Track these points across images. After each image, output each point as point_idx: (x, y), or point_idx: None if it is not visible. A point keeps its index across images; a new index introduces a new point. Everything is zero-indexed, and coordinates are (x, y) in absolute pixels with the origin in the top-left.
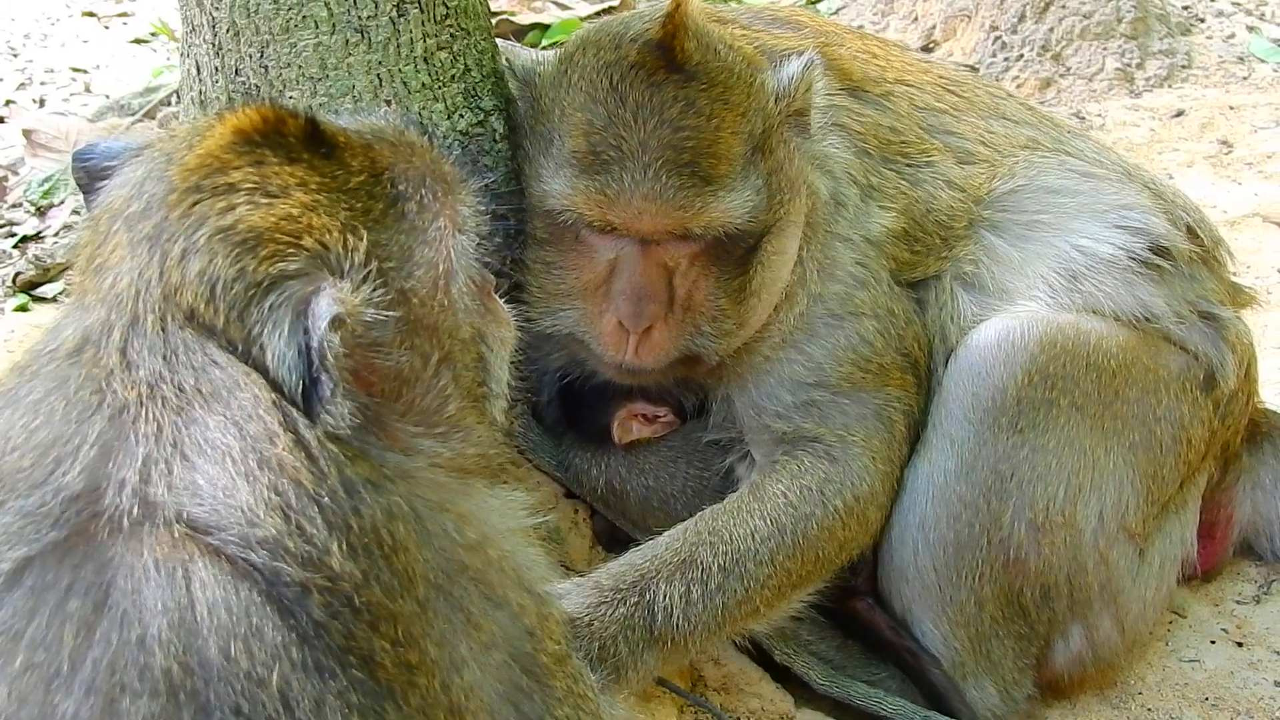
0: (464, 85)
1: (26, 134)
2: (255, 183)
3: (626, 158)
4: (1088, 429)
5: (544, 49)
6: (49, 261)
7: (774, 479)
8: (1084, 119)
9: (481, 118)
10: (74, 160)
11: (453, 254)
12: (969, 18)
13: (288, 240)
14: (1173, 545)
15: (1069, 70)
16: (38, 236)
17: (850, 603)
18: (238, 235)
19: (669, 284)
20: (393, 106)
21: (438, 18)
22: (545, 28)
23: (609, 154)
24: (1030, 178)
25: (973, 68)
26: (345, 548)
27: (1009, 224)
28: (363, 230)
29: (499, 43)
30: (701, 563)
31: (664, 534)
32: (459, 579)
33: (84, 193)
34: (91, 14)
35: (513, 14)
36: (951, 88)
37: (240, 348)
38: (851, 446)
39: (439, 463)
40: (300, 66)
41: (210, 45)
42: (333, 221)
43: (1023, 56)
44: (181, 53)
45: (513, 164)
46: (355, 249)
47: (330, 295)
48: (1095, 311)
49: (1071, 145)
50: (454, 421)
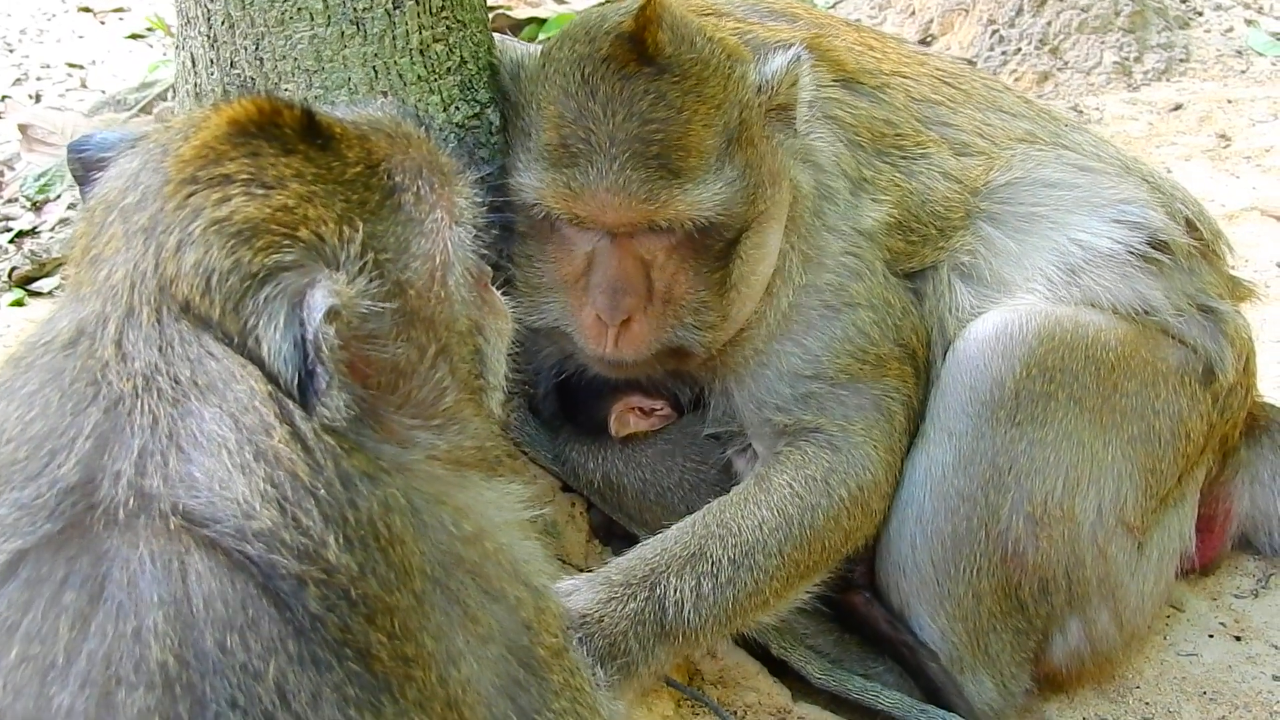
0: (460, 78)
1: (22, 129)
2: (251, 174)
3: (595, 151)
4: (1086, 422)
5: (538, 43)
6: (45, 256)
7: (778, 470)
8: (1082, 113)
9: (478, 110)
10: (69, 152)
11: (449, 245)
12: (966, 11)
13: (283, 232)
14: (1171, 539)
15: (1067, 64)
16: (33, 232)
17: (848, 596)
18: (233, 227)
19: (646, 277)
20: (389, 98)
21: (433, 10)
22: (542, 22)
23: (578, 147)
24: (1027, 170)
25: (970, 61)
26: (341, 540)
27: (1007, 216)
28: (359, 221)
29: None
30: (711, 556)
31: (672, 528)
32: (456, 572)
33: (79, 184)
34: (87, 9)
35: (509, 8)
36: (948, 80)
37: (236, 340)
38: (854, 436)
39: (436, 455)
40: (296, 59)
41: (205, 38)
42: (328, 213)
43: (1020, 50)
44: (176, 45)
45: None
46: (351, 240)
47: (325, 287)
48: (1094, 305)
49: (1069, 139)
50: (451, 414)
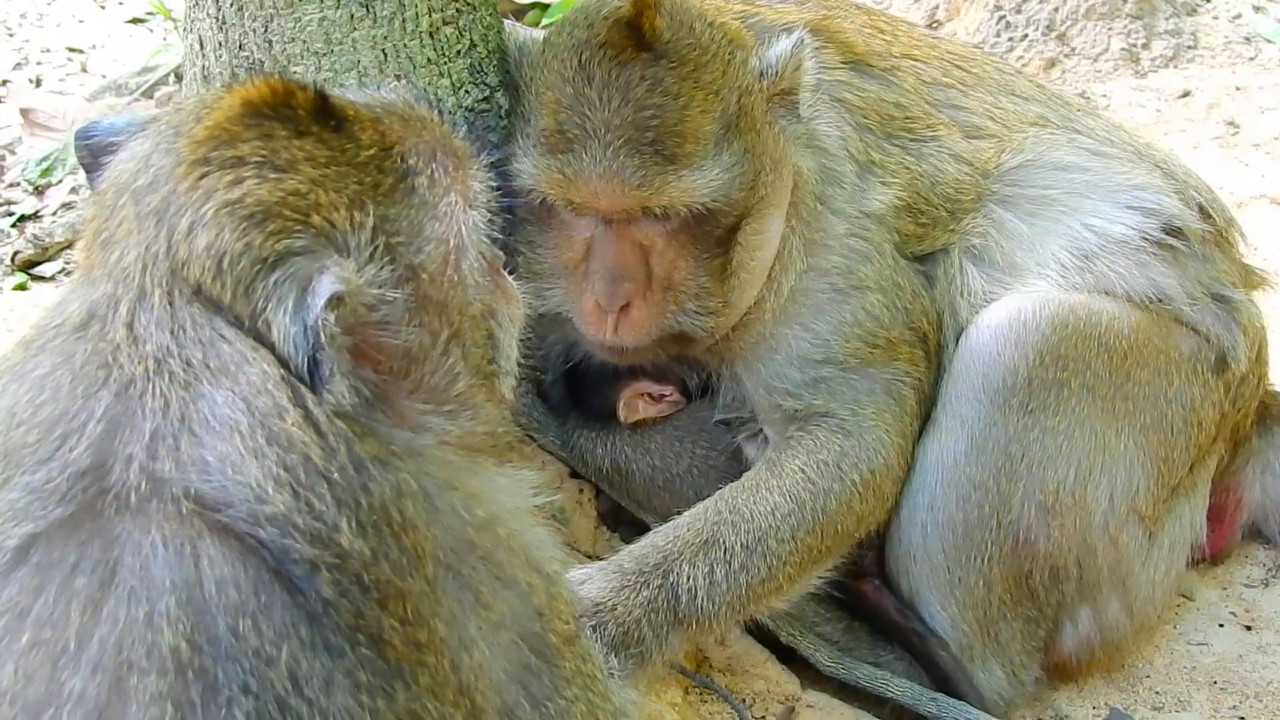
0: (470, 61)
1: (24, 113)
2: (263, 156)
3: (589, 137)
4: (1099, 410)
5: (543, 28)
6: (47, 240)
7: (790, 455)
8: (1089, 99)
9: (487, 93)
10: (76, 138)
11: (463, 229)
12: None
13: (295, 216)
14: (1182, 528)
15: (1074, 50)
16: (36, 216)
17: (857, 584)
18: (245, 209)
19: (645, 262)
20: (402, 81)
21: None
22: (545, 6)
23: (574, 133)
24: (1039, 153)
25: (977, 47)
26: (354, 525)
27: (1018, 199)
28: (370, 206)
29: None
30: (724, 542)
31: (684, 515)
32: (468, 558)
33: (87, 171)
34: None
35: None
36: (959, 64)
37: (247, 323)
38: (865, 420)
39: (448, 441)
40: (305, 41)
41: (214, 20)
42: (340, 198)
43: (1027, 36)
44: (185, 27)
45: None
46: (362, 225)
47: (333, 274)
48: (1107, 292)
49: (1081, 123)
50: (463, 399)
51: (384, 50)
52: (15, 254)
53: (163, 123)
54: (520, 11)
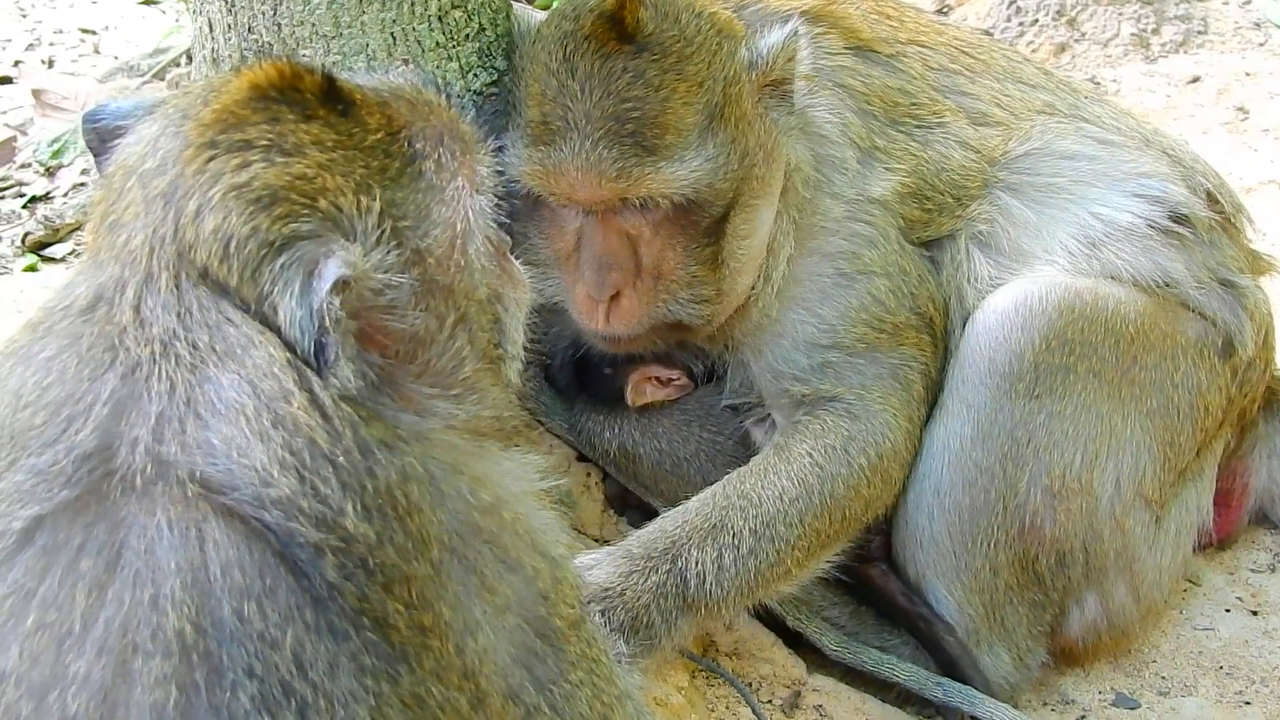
0: (478, 44)
1: (36, 94)
2: (271, 140)
3: (570, 128)
4: (1105, 395)
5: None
6: (58, 222)
7: (798, 440)
8: (1099, 84)
9: (496, 77)
10: (84, 122)
11: (470, 214)
12: None
13: (302, 200)
14: (1189, 513)
15: (1084, 35)
16: (46, 197)
17: (864, 568)
18: (252, 193)
19: (633, 252)
20: (409, 65)
21: None
22: None
23: (556, 124)
24: (1046, 141)
25: (987, 32)
26: (360, 508)
27: (1025, 186)
28: (377, 190)
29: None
30: (732, 527)
31: (692, 500)
32: (473, 542)
33: (95, 155)
34: None
35: None
36: (966, 50)
37: (253, 306)
38: (872, 404)
39: (454, 425)
40: (314, 24)
41: (223, 2)
42: (347, 182)
43: (1037, 21)
44: (194, 10)
45: None
46: (369, 210)
47: (339, 258)
48: (1114, 277)
49: (1089, 111)
50: (469, 383)
51: (392, 34)
52: (26, 235)
53: (170, 106)
54: None
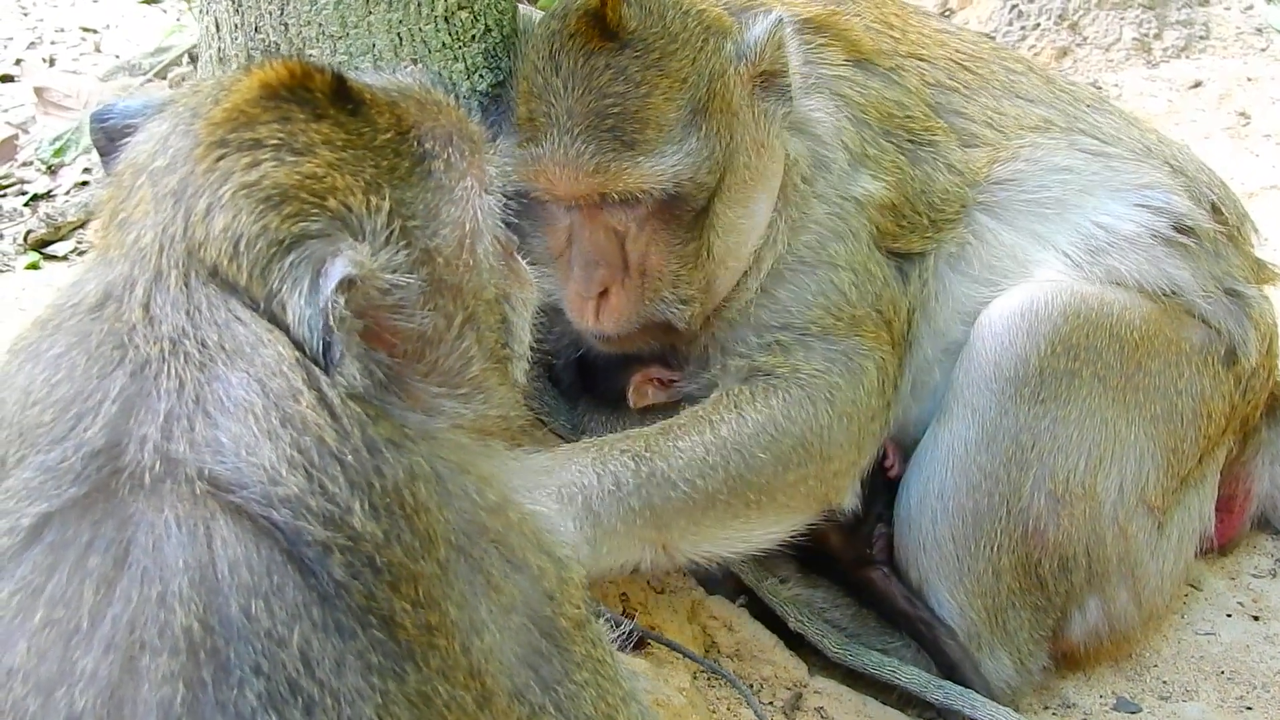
0: (484, 45)
1: (38, 92)
2: (281, 139)
3: (553, 124)
4: (1109, 400)
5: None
6: (60, 220)
7: (711, 406)
8: (1101, 89)
9: (501, 78)
10: (92, 121)
11: (479, 213)
12: None
13: (311, 200)
14: (1191, 519)
15: (1086, 40)
16: (48, 195)
17: (866, 571)
18: (262, 192)
19: (621, 249)
20: (417, 65)
21: None
22: None
23: (540, 121)
24: (1033, 159)
25: (989, 36)
26: (367, 507)
27: (1007, 203)
28: (386, 189)
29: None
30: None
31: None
32: (480, 541)
33: (102, 154)
34: None
35: None
36: (966, 64)
37: (263, 305)
38: (801, 380)
39: (461, 424)
40: (320, 24)
41: (230, 1)
42: (356, 181)
43: (1039, 25)
44: (200, 9)
45: None
46: (378, 209)
47: (346, 257)
48: (1119, 283)
49: (1088, 121)
50: (476, 383)
51: (399, 34)
52: (28, 233)
53: (180, 104)
54: None
